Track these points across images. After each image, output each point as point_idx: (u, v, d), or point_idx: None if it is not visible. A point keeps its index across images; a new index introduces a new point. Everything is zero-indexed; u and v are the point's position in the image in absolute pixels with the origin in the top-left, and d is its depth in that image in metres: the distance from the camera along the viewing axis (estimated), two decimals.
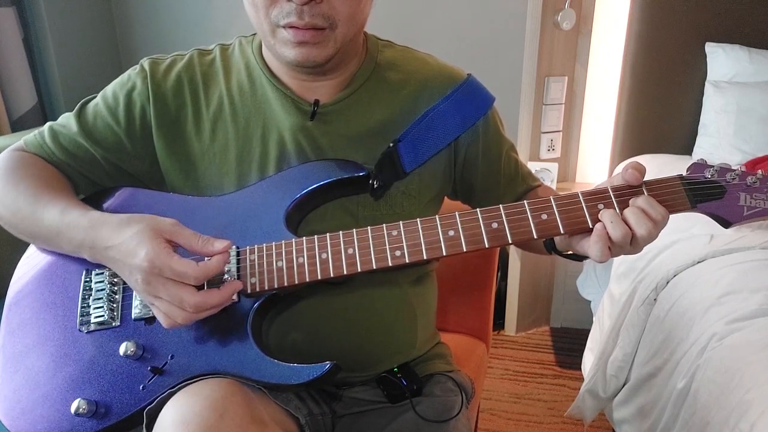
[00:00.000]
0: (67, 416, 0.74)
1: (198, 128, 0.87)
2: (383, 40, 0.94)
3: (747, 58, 1.84)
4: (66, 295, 0.81)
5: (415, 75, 0.90)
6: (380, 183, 0.84)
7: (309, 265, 0.74)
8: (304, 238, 0.76)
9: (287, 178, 0.83)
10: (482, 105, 0.91)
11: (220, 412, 0.66)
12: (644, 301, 1.41)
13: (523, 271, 2.16)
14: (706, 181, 0.71)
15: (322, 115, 0.86)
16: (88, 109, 0.89)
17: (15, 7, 1.96)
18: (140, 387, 0.75)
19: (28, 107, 2.01)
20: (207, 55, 0.91)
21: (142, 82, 0.87)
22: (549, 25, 1.94)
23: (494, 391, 1.93)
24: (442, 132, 0.88)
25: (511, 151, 0.97)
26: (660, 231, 0.69)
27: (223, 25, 2.23)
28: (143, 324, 0.78)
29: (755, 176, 0.69)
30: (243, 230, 0.80)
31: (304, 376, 0.72)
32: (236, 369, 0.74)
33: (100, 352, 0.77)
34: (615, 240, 0.68)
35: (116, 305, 0.79)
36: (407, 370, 0.93)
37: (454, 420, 0.89)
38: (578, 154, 2.18)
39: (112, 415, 0.74)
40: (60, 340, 0.79)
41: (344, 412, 0.92)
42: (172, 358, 0.76)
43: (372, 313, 0.89)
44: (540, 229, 0.71)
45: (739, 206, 0.69)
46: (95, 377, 0.76)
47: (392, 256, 0.73)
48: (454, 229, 0.72)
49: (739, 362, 1.05)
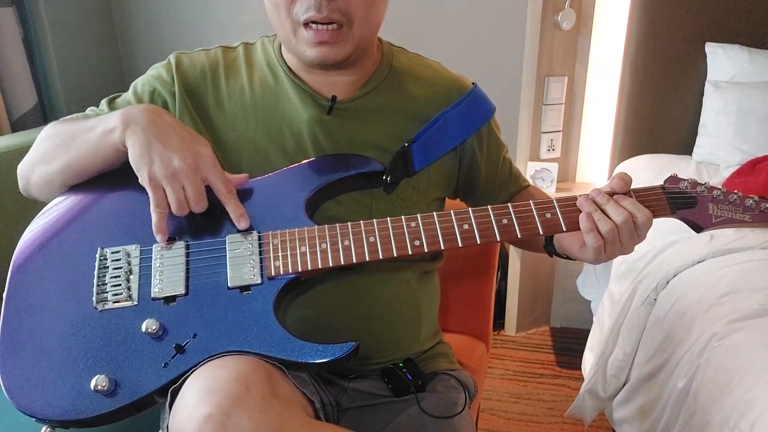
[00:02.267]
0: (86, 393, 0.73)
1: (219, 118, 0.91)
2: (396, 47, 1.00)
3: (747, 58, 1.84)
4: (78, 272, 0.80)
5: (428, 81, 0.97)
6: (392, 179, 0.89)
7: (332, 251, 0.80)
8: (326, 226, 0.81)
9: (307, 169, 0.88)
10: (486, 113, 0.99)
11: (246, 384, 0.67)
12: (644, 301, 1.42)
13: (523, 271, 2.16)
14: (682, 191, 0.82)
15: (339, 110, 0.91)
16: (119, 98, 0.94)
17: (15, 7, 1.96)
18: (162, 365, 0.74)
19: (28, 107, 2.01)
20: (231, 52, 0.96)
21: (167, 72, 0.92)
22: (549, 25, 1.94)
23: (494, 391, 1.93)
24: (449, 136, 0.95)
25: (506, 154, 1.06)
26: (644, 226, 0.78)
27: (223, 26, 2.23)
28: (162, 303, 0.78)
29: (720, 190, 0.82)
30: (263, 216, 0.83)
31: (329, 355, 0.74)
32: (260, 347, 0.75)
33: (120, 330, 0.77)
34: (603, 232, 0.77)
35: (134, 284, 0.79)
36: (412, 365, 0.94)
37: (459, 416, 0.90)
38: (578, 154, 2.18)
39: (132, 392, 0.74)
40: (75, 318, 0.78)
41: (349, 406, 0.93)
42: (194, 336, 0.76)
43: (379, 300, 0.92)
44: (545, 227, 0.80)
45: (708, 214, 0.81)
46: (114, 355, 0.75)
47: (412, 245, 0.80)
48: (468, 223, 0.80)
49: (739, 362, 1.05)
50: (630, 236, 0.78)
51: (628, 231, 0.78)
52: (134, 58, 2.34)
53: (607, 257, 0.80)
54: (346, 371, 0.94)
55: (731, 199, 0.81)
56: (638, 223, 0.78)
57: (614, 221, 0.77)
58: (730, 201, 0.81)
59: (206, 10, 2.24)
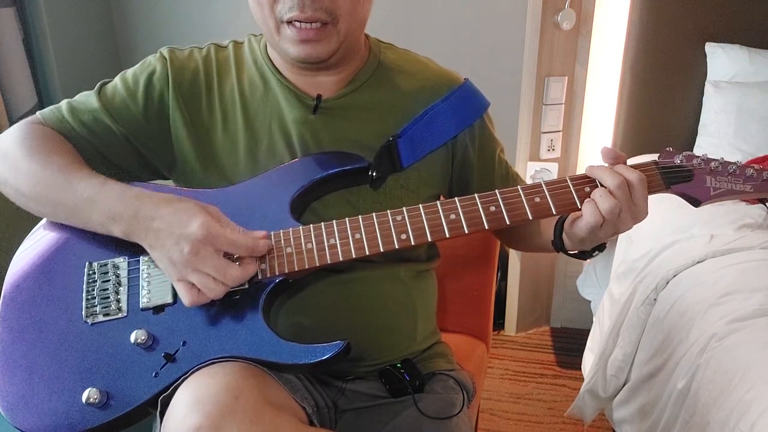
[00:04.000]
0: (78, 407, 0.74)
1: (211, 117, 0.90)
2: (385, 43, 0.98)
3: (747, 58, 1.84)
4: (68, 288, 0.81)
5: (416, 76, 0.94)
6: (379, 174, 0.87)
7: (318, 251, 0.77)
8: (311, 225, 0.79)
9: (290, 170, 0.86)
10: (478, 108, 0.96)
11: (235, 394, 0.67)
12: (644, 302, 1.41)
13: (523, 271, 2.15)
14: (676, 165, 0.79)
15: (325, 110, 0.89)
16: (107, 89, 0.91)
17: (15, 7, 1.96)
18: (152, 374, 0.75)
19: (28, 107, 2.01)
20: (222, 51, 0.95)
21: (162, 67, 0.90)
22: (549, 25, 1.94)
23: (494, 391, 1.93)
24: (439, 131, 0.92)
25: (502, 153, 1.03)
26: (639, 189, 0.75)
27: (222, 25, 2.23)
28: (152, 313, 0.78)
29: (717, 162, 0.79)
30: (249, 220, 0.82)
31: (319, 355, 0.73)
32: (250, 351, 0.74)
33: (110, 342, 0.77)
34: (603, 208, 0.74)
35: (123, 296, 0.79)
36: (410, 366, 0.94)
37: (456, 417, 0.90)
38: (578, 154, 2.18)
39: (124, 404, 0.74)
40: (66, 332, 0.78)
41: (347, 407, 0.92)
42: (184, 344, 0.76)
43: (373, 302, 0.91)
44: (534, 211, 0.77)
45: (706, 187, 0.78)
46: (105, 367, 0.76)
47: (398, 239, 0.77)
48: (455, 213, 0.77)
49: (739, 362, 1.05)
50: (628, 205, 0.74)
51: (625, 198, 0.74)
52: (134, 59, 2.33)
53: (604, 232, 0.76)
54: (343, 373, 0.93)
55: (730, 170, 0.78)
56: (633, 185, 0.74)
57: (609, 187, 0.74)
58: (729, 172, 0.78)
59: (206, 10, 2.24)
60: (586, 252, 0.83)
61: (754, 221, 1.48)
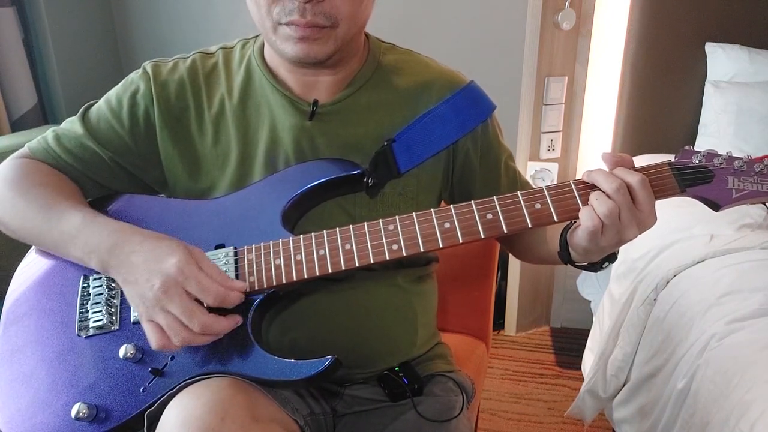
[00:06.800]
0: (68, 421, 0.74)
1: (201, 130, 0.87)
2: (386, 43, 0.94)
3: (747, 58, 1.84)
4: (64, 302, 0.81)
5: (417, 78, 0.90)
6: (375, 181, 0.84)
7: (307, 262, 0.75)
8: (301, 236, 0.76)
9: (283, 179, 0.83)
10: (482, 111, 0.91)
11: (221, 415, 0.66)
12: (644, 301, 1.41)
13: (523, 271, 2.16)
14: (694, 166, 0.72)
15: (321, 115, 0.86)
16: (92, 113, 0.90)
17: (15, 7, 1.96)
18: (141, 389, 0.75)
19: (28, 107, 2.01)
20: (209, 58, 0.91)
21: (145, 85, 0.87)
22: (549, 25, 1.94)
23: (494, 391, 1.93)
24: (439, 135, 0.88)
25: (510, 160, 0.97)
26: (642, 193, 0.69)
27: (223, 26, 2.23)
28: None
29: (742, 160, 0.71)
30: (240, 231, 0.80)
31: (305, 372, 0.71)
32: (237, 368, 0.73)
33: (100, 356, 0.77)
34: (600, 212, 0.68)
35: (115, 309, 0.79)
36: (408, 369, 0.93)
37: (456, 420, 0.89)
38: (578, 154, 2.18)
39: (112, 419, 0.74)
40: (59, 346, 0.79)
41: (345, 411, 0.92)
42: (172, 359, 0.76)
43: (371, 311, 0.89)
44: (534, 218, 0.71)
45: (728, 189, 0.70)
46: (95, 381, 0.76)
47: (389, 249, 0.73)
48: (449, 221, 0.73)
49: (739, 362, 1.05)
50: (629, 210, 0.68)
51: (626, 202, 0.68)
52: (134, 59, 2.34)
53: (606, 240, 0.70)
54: (341, 379, 0.92)
55: (757, 169, 0.69)
56: (634, 188, 0.68)
57: (606, 191, 0.68)
58: (755, 171, 0.70)
59: (206, 10, 2.23)
60: (596, 264, 0.79)
61: (754, 221, 1.48)
